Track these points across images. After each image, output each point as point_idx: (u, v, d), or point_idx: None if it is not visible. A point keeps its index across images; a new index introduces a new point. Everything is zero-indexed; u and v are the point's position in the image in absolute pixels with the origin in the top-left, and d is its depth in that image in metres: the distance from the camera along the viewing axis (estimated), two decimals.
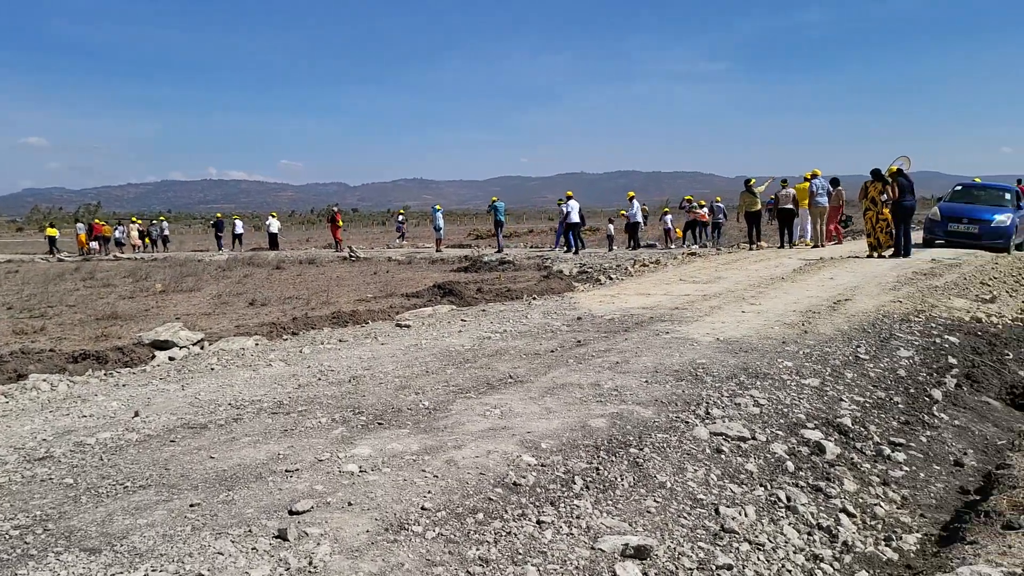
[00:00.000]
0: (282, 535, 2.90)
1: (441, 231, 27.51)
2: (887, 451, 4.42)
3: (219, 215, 38.79)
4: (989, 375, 6.46)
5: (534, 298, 10.38)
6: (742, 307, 8.50)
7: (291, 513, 3.12)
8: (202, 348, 7.51)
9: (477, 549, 2.84)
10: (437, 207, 28.64)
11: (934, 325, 7.66)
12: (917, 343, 6.85)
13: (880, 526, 3.56)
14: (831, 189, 18.17)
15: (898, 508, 3.80)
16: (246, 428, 4.40)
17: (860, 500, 3.78)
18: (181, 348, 7.46)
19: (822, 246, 17.81)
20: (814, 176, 18.06)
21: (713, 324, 7.38)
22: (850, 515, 3.58)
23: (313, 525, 2.99)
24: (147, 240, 37.64)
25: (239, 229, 36.03)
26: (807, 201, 18.22)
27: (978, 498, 3.80)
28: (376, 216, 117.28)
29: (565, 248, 22.57)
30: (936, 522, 3.68)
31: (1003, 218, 16.10)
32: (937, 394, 5.63)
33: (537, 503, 3.23)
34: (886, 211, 14.70)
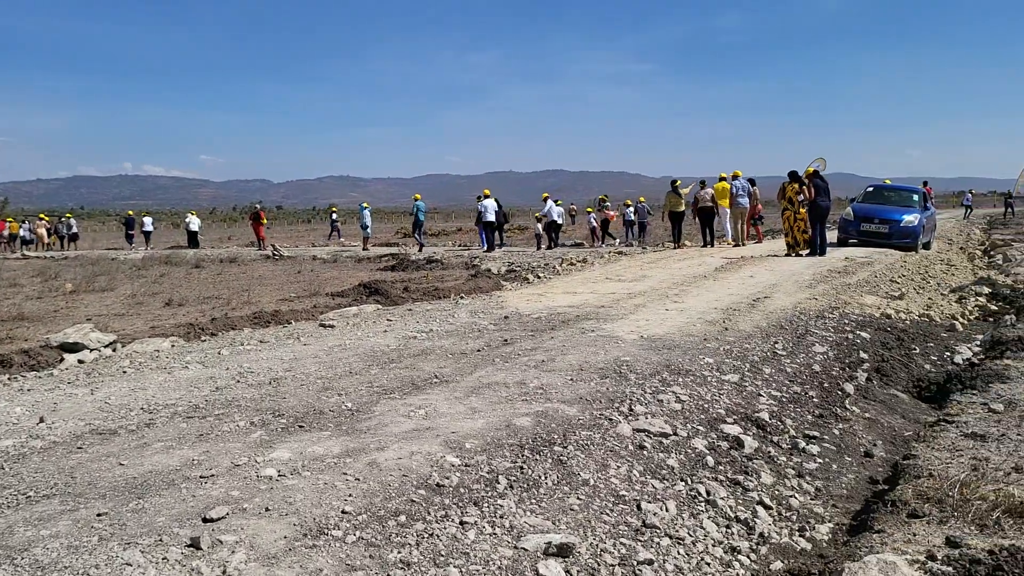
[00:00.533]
0: (195, 544, 2.80)
1: (368, 229, 27.18)
2: (802, 444, 4.56)
3: (129, 212, 37.36)
4: (897, 369, 6.75)
5: (461, 297, 10.34)
6: (666, 305, 8.65)
7: (205, 521, 3.01)
8: (114, 350, 7.21)
9: (399, 552, 2.79)
10: (365, 205, 28.30)
11: (847, 321, 7.95)
12: (831, 339, 7.09)
13: (795, 517, 3.67)
14: (752, 189, 18.72)
15: (812, 499, 3.93)
16: (159, 433, 4.23)
17: (776, 492, 3.88)
18: (92, 350, 7.14)
19: (743, 245, 18.34)
20: (735, 177, 18.56)
21: (638, 322, 7.48)
22: (767, 507, 3.68)
23: (228, 532, 2.89)
24: (53, 238, 36.03)
25: (148, 226, 34.96)
26: (726, 201, 18.71)
27: (886, 488, 3.95)
28: (301, 214, 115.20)
29: (486, 247, 22.70)
30: (847, 512, 3.81)
31: (911, 218, 16.87)
32: (849, 388, 5.84)
33: (460, 504, 3.21)
34: (803, 211, 15.22)
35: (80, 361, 6.77)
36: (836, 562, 2.86)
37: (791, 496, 3.88)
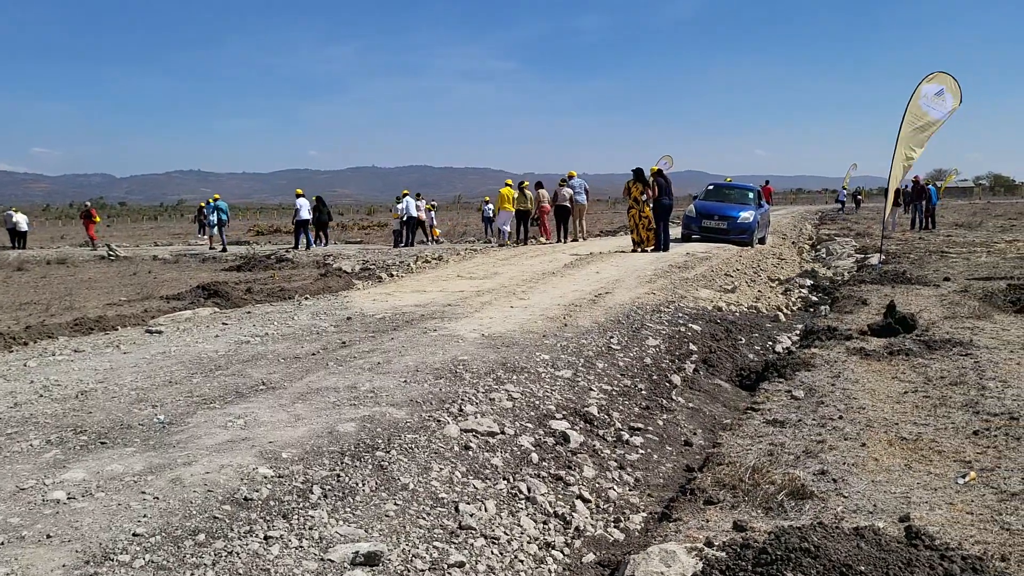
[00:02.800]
0: None
1: (215, 228, 25.91)
2: (626, 436, 4.72)
3: None
4: (723, 359, 7.12)
5: (306, 298, 10.02)
6: (512, 302, 8.72)
7: None
8: None
9: (191, 573, 2.64)
10: (212, 199, 26.99)
11: (681, 315, 8.31)
12: (665, 332, 7.39)
13: (612, 509, 3.78)
14: (587, 187, 19.62)
15: (630, 490, 4.06)
16: None
17: (597, 485, 3.99)
18: None
19: (583, 240, 19.12)
20: (571, 177, 19.29)
21: (481, 320, 7.51)
22: (585, 501, 3.77)
23: None
24: None
25: None
26: (509, 204, 19.73)
27: (699, 475, 4.14)
28: (147, 210, 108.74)
29: (303, 246, 22.12)
30: (661, 500, 3.96)
31: (747, 215, 17.92)
32: (676, 379, 6.10)
33: (268, 517, 3.07)
34: (647, 210, 15.85)
35: None
36: (633, 552, 2.97)
37: (610, 488, 3.99)
